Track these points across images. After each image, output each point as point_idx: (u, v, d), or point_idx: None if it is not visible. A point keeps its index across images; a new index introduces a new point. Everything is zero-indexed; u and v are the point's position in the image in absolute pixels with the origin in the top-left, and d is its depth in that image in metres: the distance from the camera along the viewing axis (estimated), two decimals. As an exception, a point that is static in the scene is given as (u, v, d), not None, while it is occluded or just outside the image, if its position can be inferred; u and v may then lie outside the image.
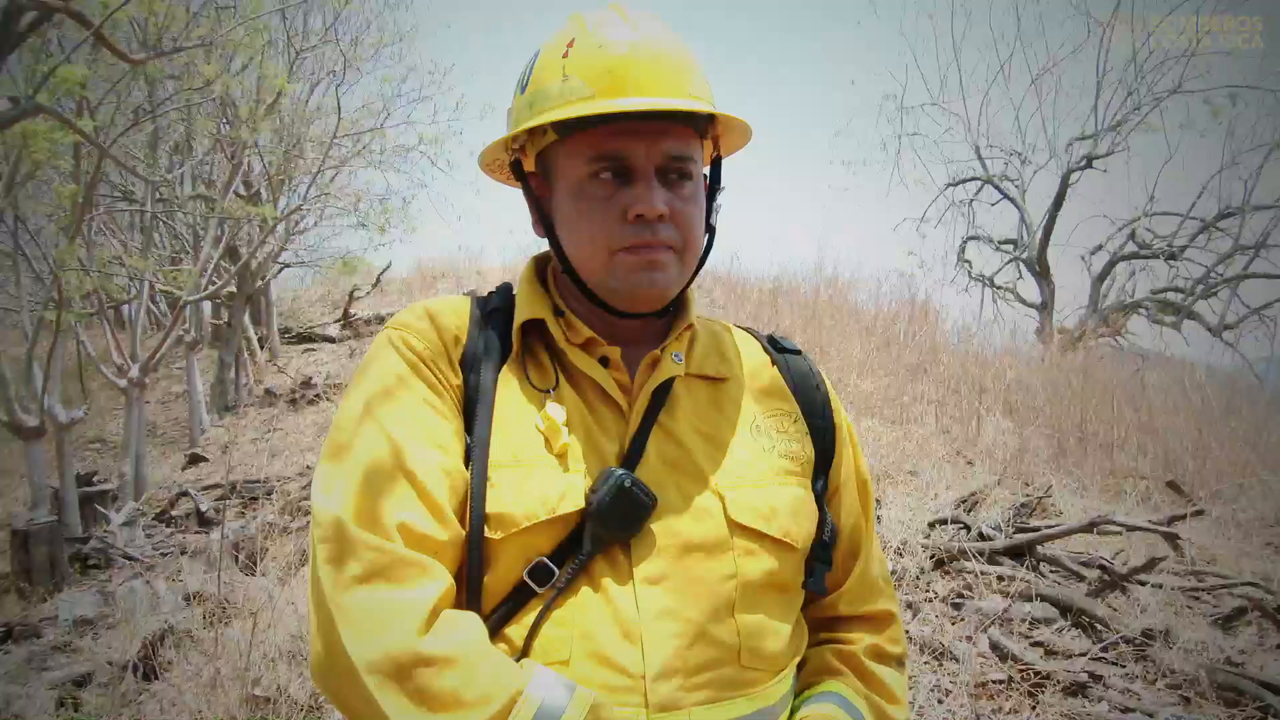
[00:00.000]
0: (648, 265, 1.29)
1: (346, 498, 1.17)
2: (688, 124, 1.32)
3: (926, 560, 5.55)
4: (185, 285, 11.85)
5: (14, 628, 6.73)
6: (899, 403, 10.05)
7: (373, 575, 1.11)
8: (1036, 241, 18.01)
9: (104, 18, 5.16)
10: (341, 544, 1.14)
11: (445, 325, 1.34)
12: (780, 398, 1.46)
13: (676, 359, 1.38)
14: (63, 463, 10.43)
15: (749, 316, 12.60)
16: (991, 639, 4.61)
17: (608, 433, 1.32)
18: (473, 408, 1.29)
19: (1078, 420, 10.07)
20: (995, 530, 5.79)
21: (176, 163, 13.10)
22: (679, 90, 1.28)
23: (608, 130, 1.27)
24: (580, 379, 1.35)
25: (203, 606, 6.06)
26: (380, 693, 1.05)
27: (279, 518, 8.23)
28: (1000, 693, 4.18)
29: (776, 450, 1.39)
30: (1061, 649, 4.60)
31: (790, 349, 1.54)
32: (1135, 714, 3.95)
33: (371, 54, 14.97)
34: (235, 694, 4.53)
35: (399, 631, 1.08)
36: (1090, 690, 4.15)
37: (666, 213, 1.28)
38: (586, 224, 1.31)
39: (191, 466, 12.38)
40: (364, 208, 15.78)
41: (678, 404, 1.37)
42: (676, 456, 1.32)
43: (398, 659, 1.06)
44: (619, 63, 1.27)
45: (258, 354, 16.71)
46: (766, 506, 1.32)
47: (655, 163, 1.28)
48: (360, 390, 1.28)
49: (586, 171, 1.29)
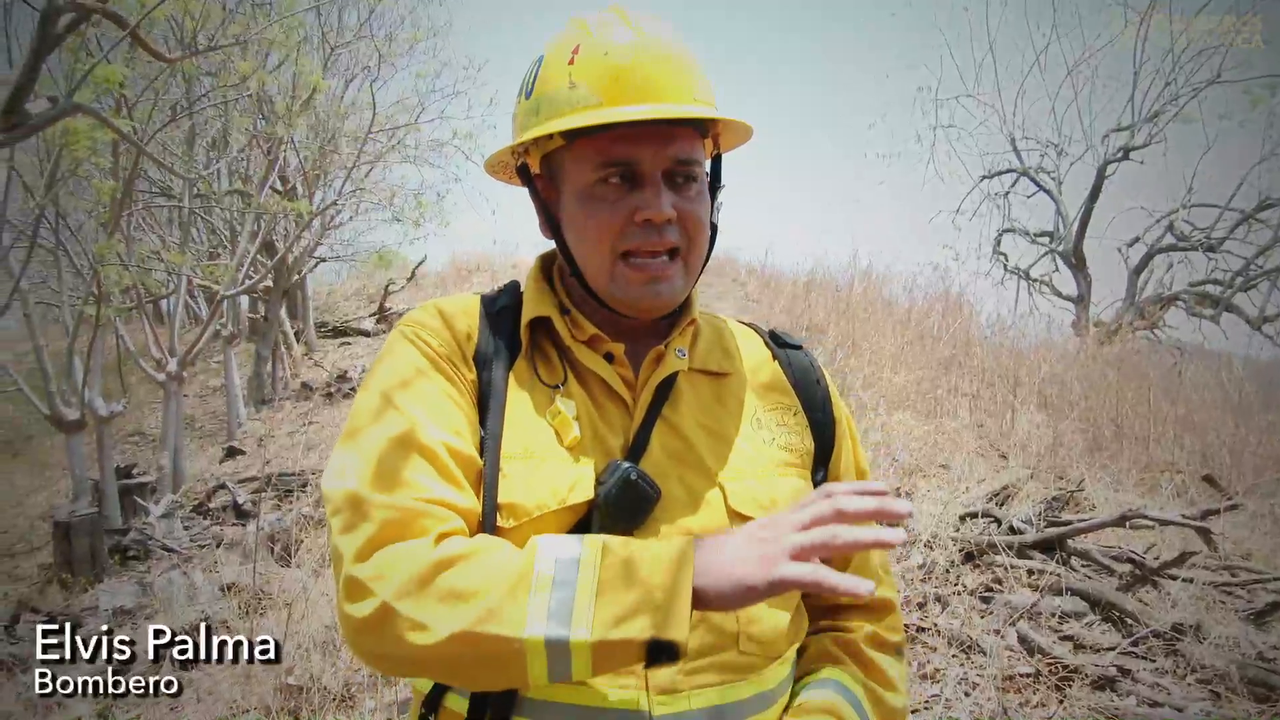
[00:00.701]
0: (652, 279, 1.32)
1: (362, 471, 1.20)
2: (693, 127, 1.34)
3: (956, 554, 5.54)
4: (222, 280, 11.95)
5: (56, 617, 6.84)
6: (932, 396, 10.01)
7: (386, 537, 1.14)
8: (1073, 234, 17.83)
9: (139, 18, 5.22)
10: (355, 511, 1.17)
11: (457, 323, 1.38)
12: (781, 392, 1.49)
13: (680, 354, 1.41)
14: (103, 456, 10.57)
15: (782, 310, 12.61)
16: (1020, 632, 4.61)
17: (613, 427, 1.35)
18: (486, 402, 1.32)
19: (1113, 414, 10.00)
20: (1026, 524, 5.78)
21: (213, 158, 13.23)
22: (685, 94, 1.30)
23: (615, 136, 1.30)
24: (586, 374, 1.38)
25: (238, 597, 6.14)
26: (415, 609, 1.07)
27: (314, 510, 8.31)
28: (1028, 686, 4.17)
29: (777, 443, 1.43)
30: (1091, 643, 4.58)
31: (791, 344, 1.57)
32: (1164, 708, 3.94)
33: (406, 49, 15.05)
34: (269, 683, 4.61)
35: (415, 557, 1.11)
36: (1119, 684, 4.13)
37: (674, 216, 1.30)
38: (594, 227, 1.33)
39: (228, 459, 12.51)
40: (398, 202, 15.87)
41: (681, 398, 1.40)
42: (679, 449, 1.35)
43: (419, 575, 1.09)
44: (625, 69, 1.29)
45: (294, 348, 16.84)
46: (767, 497, 1.35)
47: (662, 167, 1.31)
48: (377, 381, 1.31)
49: (594, 177, 1.32)
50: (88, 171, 9.45)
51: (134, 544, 8.51)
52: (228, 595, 6.32)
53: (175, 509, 9.86)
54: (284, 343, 16.22)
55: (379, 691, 4.52)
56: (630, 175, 1.31)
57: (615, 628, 1.02)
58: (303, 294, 17.60)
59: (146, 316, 12.07)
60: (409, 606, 1.07)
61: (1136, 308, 17.06)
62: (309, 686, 4.54)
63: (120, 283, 10.16)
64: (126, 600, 6.72)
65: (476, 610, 1.05)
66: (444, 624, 1.05)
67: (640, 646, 1.02)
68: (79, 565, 8.22)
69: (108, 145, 8.77)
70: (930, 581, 5.29)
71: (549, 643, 1.03)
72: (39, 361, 9.81)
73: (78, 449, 10.46)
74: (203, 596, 6.42)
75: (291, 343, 16.80)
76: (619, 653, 1.03)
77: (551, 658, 1.03)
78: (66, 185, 9.53)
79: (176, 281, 12.32)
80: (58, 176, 8.88)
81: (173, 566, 7.48)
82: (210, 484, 11.10)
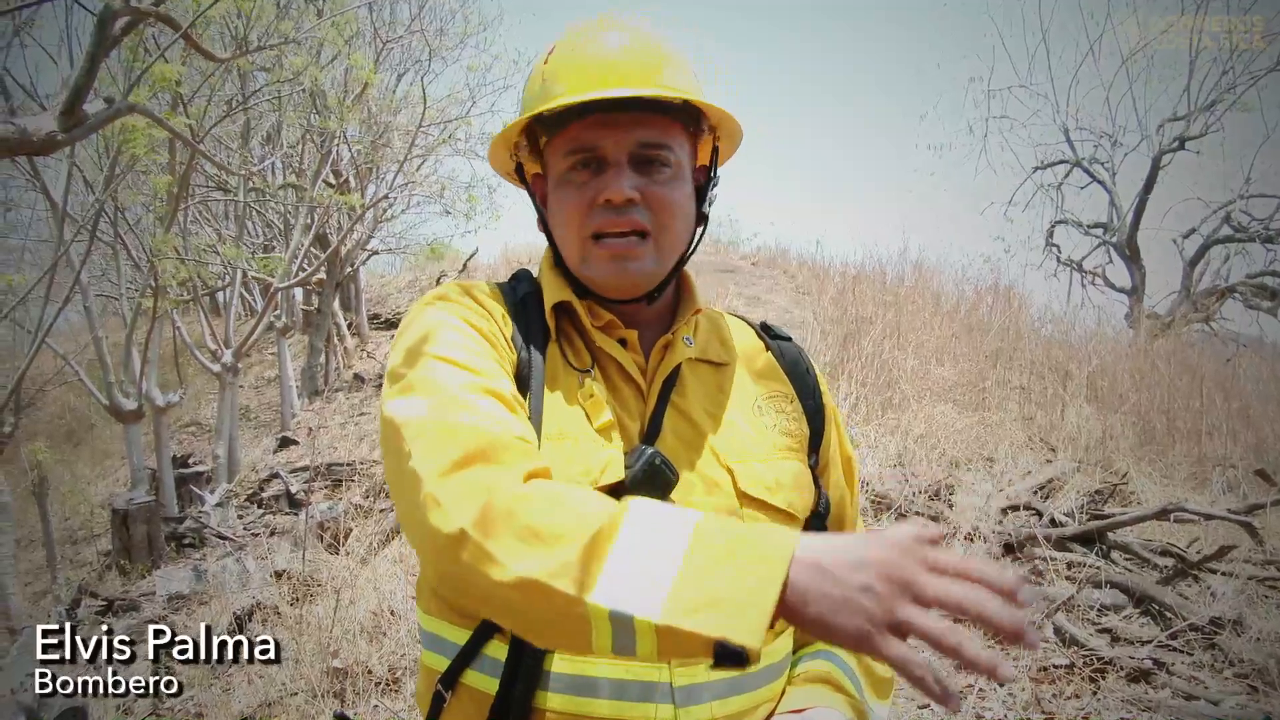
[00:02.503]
0: (619, 256, 1.37)
1: (439, 402, 1.21)
2: (664, 114, 1.38)
3: (998, 546, 5.55)
4: (277, 272, 12.12)
5: (114, 602, 7.03)
6: (980, 388, 9.96)
7: (472, 459, 1.13)
8: (1127, 225, 17.61)
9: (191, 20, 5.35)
10: (438, 433, 1.16)
11: (491, 306, 1.43)
12: (777, 380, 1.56)
13: (688, 342, 1.47)
14: (160, 445, 10.80)
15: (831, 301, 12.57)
16: (1056, 624, 4.62)
17: (629, 411, 1.41)
18: (525, 383, 1.36)
19: (1165, 407, 9.90)
20: (1068, 517, 5.77)
21: (267, 153, 13.42)
22: (646, 82, 1.35)
23: (583, 125, 1.36)
24: (605, 360, 1.44)
25: (289, 584, 6.27)
26: (492, 541, 1.04)
27: (364, 500, 8.43)
28: (1062, 677, 4.19)
29: (777, 428, 1.49)
30: (1129, 636, 4.58)
31: (782, 336, 1.63)
32: (1200, 701, 3.94)
33: (457, 43, 15.17)
34: (318, 666, 4.72)
35: (503, 486, 1.09)
36: (1154, 677, 4.14)
37: (636, 197, 1.35)
38: (565, 211, 1.40)
39: (282, 450, 12.68)
40: (449, 195, 15.98)
41: (686, 385, 1.46)
42: (689, 434, 1.41)
43: (503, 504, 1.06)
44: (589, 61, 1.36)
45: (347, 339, 17.04)
46: (771, 479, 1.41)
47: (627, 151, 1.36)
48: (423, 340, 1.32)
49: (565, 165, 1.39)
50: (145, 167, 9.63)
51: (189, 532, 8.70)
52: (279, 582, 6.45)
53: (229, 498, 10.06)
54: (337, 335, 16.42)
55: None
56: (595, 160, 1.37)
57: (686, 616, 0.94)
58: (355, 286, 17.80)
59: (203, 309, 12.32)
60: (486, 535, 1.04)
61: (1191, 300, 16.83)
62: (355, 671, 4.64)
63: (177, 275, 10.36)
64: (182, 586, 6.87)
65: (551, 560, 1.00)
66: (516, 563, 1.01)
67: (708, 643, 0.93)
68: (137, 552, 8.42)
69: (164, 142, 8.94)
70: (969, 574, 5.29)
71: (613, 615, 0.97)
72: (98, 353, 10.03)
73: (136, 439, 10.69)
74: (254, 583, 6.56)
75: (344, 335, 17.00)
76: (685, 643, 0.95)
77: (616, 631, 0.98)
78: (125, 181, 9.72)
79: (232, 274, 12.53)
80: (116, 172, 9.06)
81: (227, 554, 7.64)
82: (264, 473, 11.28)
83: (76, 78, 4.59)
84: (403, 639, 5.00)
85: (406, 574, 5.81)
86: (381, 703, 4.31)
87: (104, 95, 5.25)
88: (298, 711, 4.47)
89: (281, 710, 4.53)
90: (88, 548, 11.62)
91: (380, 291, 20.95)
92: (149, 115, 5.99)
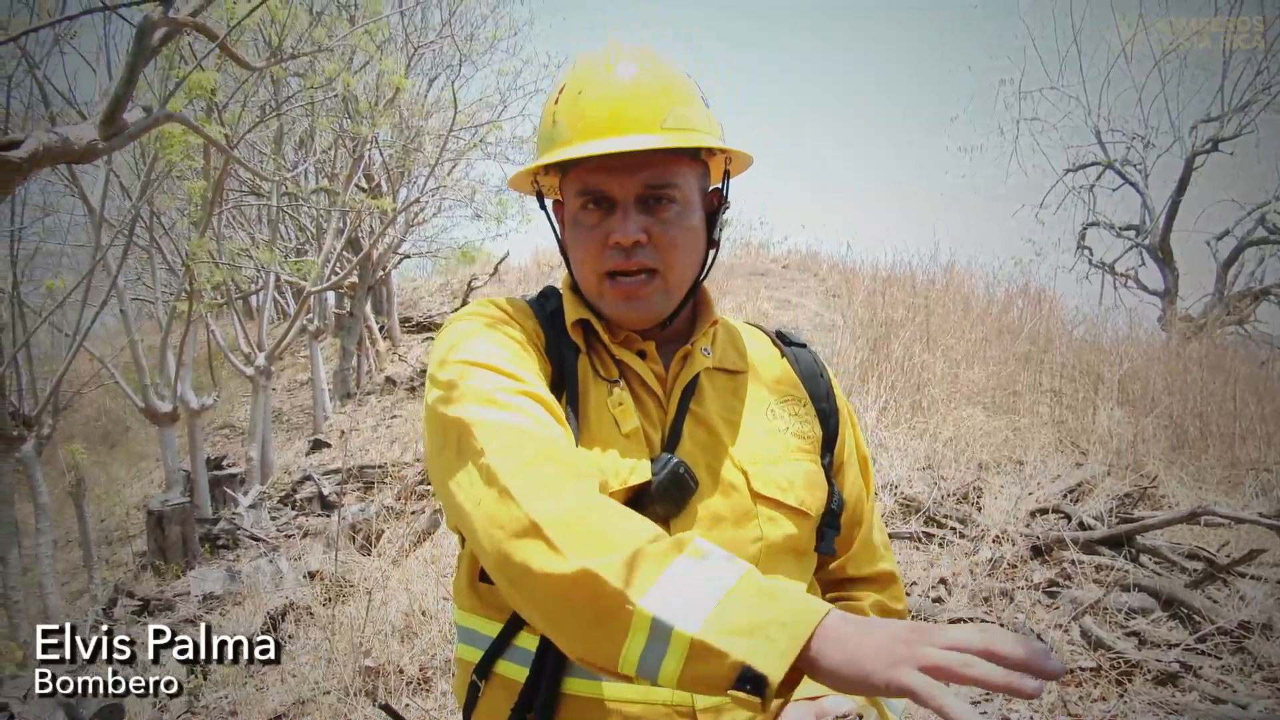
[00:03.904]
0: (628, 297, 1.44)
1: (496, 405, 1.29)
2: (669, 152, 1.43)
3: (1025, 549, 5.55)
4: (309, 276, 12.23)
5: (150, 601, 7.13)
6: (1011, 392, 9.94)
7: (545, 459, 1.21)
8: (1159, 227, 17.48)
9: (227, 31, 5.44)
10: (511, 435, 1.24)
11: (525, 321, 1.51)
12: (790, 385, 1.62)
13: (705, 353, 1.54)
14: (194, 447, 10.92)
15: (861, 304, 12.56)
16: (1083, 627, 4.62)
17: (651, 419, 1.47)
18: (560, 393, 1.44)
19: (1198, 410, 9.84)
20: (1096, 520, 5.77)
21: (300, 157, 13.54)
22: (649, 125, 1.40)
23: (591, 167, 1.42)
24: (627, 372, 1.50)
25: (322, 584, 6.34)
26: (560, 535, 1.11)
27: (395, 502, 8.50)
28: (1088, 680, 4.19)
29: (790, 431, 1.55)
30: (1156, 639, 4.58)
31: (796, 342, 1.70)
32: (1227, 705, 3.94)
33: (487, 48, 15.18)
34: (350, 666, 4.78)
35: (580, 491, 1.17)
36: (1181, 680, 4.13)
37: (643, 238, 1.42)
38: (580, 250, 1.47)
39: (314, 452, 12.80)
40: (480, 199, 16.08)
41: (704, 393, 1.52)
42: (707, 440, 1.47)
43: (579, 508, 1.14)
44: (592, 106, 1.42)
45: (379, 342, 17.15)
46: (784, 480, 1.47)
47: (634, 193, 1.42)
48: (470, 348, 1.40)
49: (578, 204, 1.46)
50: (181, 173, 9.76)
51: (223, 533, 8.80)
52: (311, 583, 6.53)
53: (263, 499, 10.16)
54: (369, 338, 16.53)
55: (452, 676, 4.68)
56: (604, 201, 1.43)
57: (719, 636, 1.00)
58: (387, 290, 17.92)
59: (236, 312, 12.46)
60: (555, 530, 1.11)
61: (1225, 303, 16.70)
62: (387, 670, 4.71)
63: (211, 279, 10.48)
64: (216, 586, 6.97)
65: (612, 559, 1.07)
66: (578, 557, 1.08)
67: (733, 666, 0.99)
68: (171, 553, 8.53)
69: (199, 148, 9.06)
70: (996, 576, 5.31)
71: (655, 622, 1.03)
72: (134, 356, 10.16)
73: (171, 441, 10.83)
74: (288, 583, 6.64)
75: (376, 338, 17.11)
76: (711, 662, 1.01)
77: (651, 639, 1.04)
78: (160, 186, 9.84)
79: (265, 278, 12.65)
80: (153, 178, 9.17)
81: (260, 554, 7.73)
82: (296, 475, 11.37)
83: (116, 87, 4.68)
84: (434, 639, 5.06)
85: (438, 575, 5.87)
86: (413, 701, 4.37)
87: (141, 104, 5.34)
88: (330, 709, 4.53)
89: (315, 708, 4.60)
90: (123, 548, 11.77)
91: (412, 295, 21.08)
92: (186, 123, 6.09)
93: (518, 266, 20.89)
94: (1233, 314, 16.13)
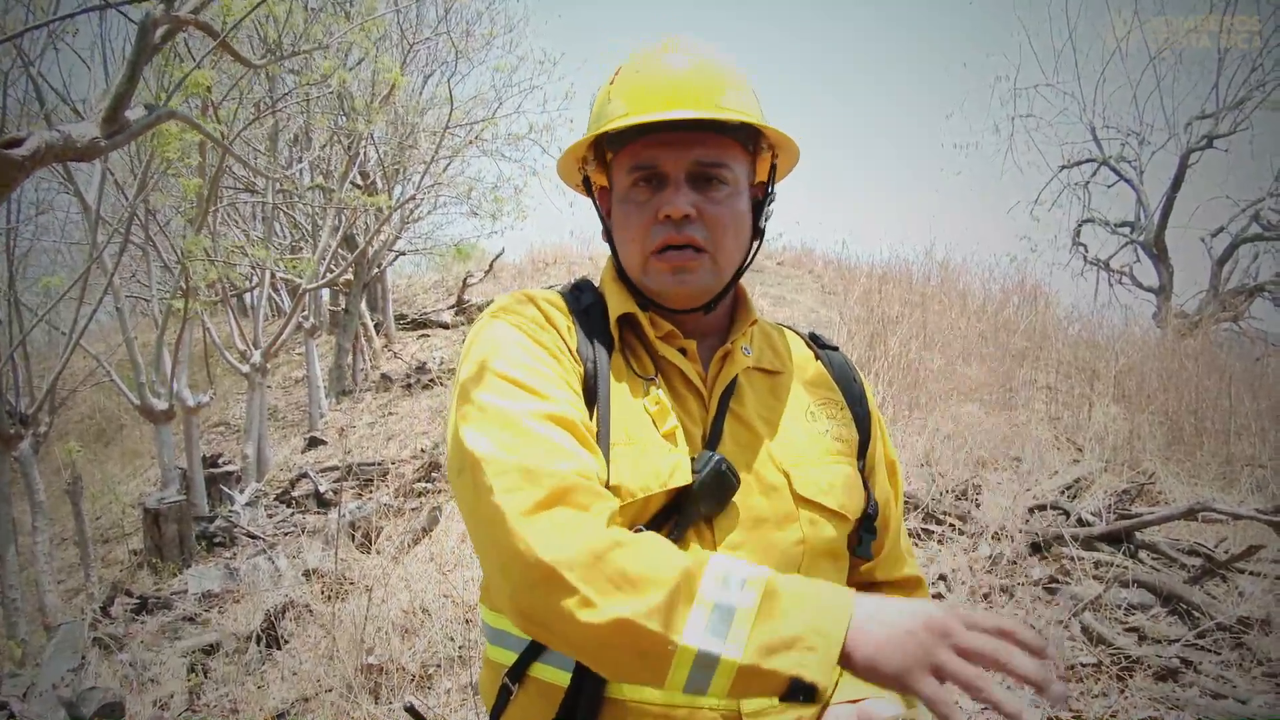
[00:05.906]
0: (676, 269, 1.44)
1: (513, 434, 1.27)
2: (723, 133, 1.44)
3: (1024, 546, 5.57)
4: (304, 273, 12.23)
5: (148, 600, 7.12)
6: (1007, 388, 9.96)
7: (555, 500, 1.19)
8: (1154, 224, 17.48)
9: (229, 29, 5.44)
10: (520, 475, 1.21)
11: (556, 319, 1.49)
12: (827, 388, 1.62)
13: (746, 352, 1.54)
14: (190, 445, 10.92)
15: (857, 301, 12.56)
16: (1083, 623, 4.63)
17: (691, 417, 1.47)
18: (592, 393, 1.43)
19: (1193, 406, 9.86)
20: (1095, 517, 5.78)
21: (296, 155, 13.53)
22: (707, 103, 1.41)
23: (644, 143, 1.43)
24: (668, 369, 1.50)
25: (321, 582, 6.35)
26: (586, 584, 1.10)
27: (393, 499, 8.50)
28: (1089, 675, 4.21)
29: (829, 434, 1.55)
30: (1156, 635, 4.59)
31: (830, 346, 1.70)
32: (1227, 700, 3.95)
33: (483, 45, 15.18)
34: (351, 663, 4.79)
35: (591, 531, 1.16)
36: (1181, 675, 4.15)
37: (693, 213, 1.41)
38: (629, 226, 1.47)
39: (310, 449, 12.79)
40: (476, 196, 16.05)
41: (744, 393, 1.52)
42: (748, 439, 1.47)
43: (594, 548, 1.13)
44: (652, 81, 1.43)
45: (374, 339, 17.14)
46: (825, 483, 1.47)
47: (685, 169, 1.42)
48: (491, 359, 1.38)
49: (628, 181, 1.46)
50: (176, 170, 9.74)
51: (220, 531, 8.79)
52: (310, 581, 6.53)
53: (259, 497, 10.15)
54: (364, 335, 16.52)
55: (454, 673, 4.69)
56: (656, 177, 1.43)
57: (766, 657, 1.05)
58: (382, 287, 17.91)
59: (231, 310, 12.40)
60: (578, 577, 1.11)
61: (1220, 299, 16.73)
62: (389, 667, 4.71)
63: (206, 277, 10.45)
64: (213, 584, 6.96)
65: (643, 603, 1.08)
66: (610, 606, 1.09)
67: (784, 681, 1.04)
68: (168, 551, 8.52)
69: (195, 145, 9.03)
70: (995, 572, 5.32)
71: (699, 655, 1.06)
72: (130, 354, 10.13)
73: (166, 439, 10.81)
74: (286, 581, 6.64)
75: (371, 335, 17.10)
76: (761, 681, 1.06)
77: (696, 668, 1.07)
78: (157, 184, 9.82)
79: (260, 275, 12.65)
80: (149, 176, 9.15)
81: (258, 552, 7.72)
82: (293, 473, 11.37)
83: (118, 85, 4.67)
84: (435, 636, 5.06)
85: (438, 572, 5.87)
86: (415, 698, 4.37)
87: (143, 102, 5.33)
88: (332, 707, 4.53)
89: (317, 705, 4.60)
90: (119, 546, 11.73)
91: (407, 292, 21.09)
92: (188, 121, 6.08)
93: (513, 263, 20.91)
94: (1227, 310, 16.17)
